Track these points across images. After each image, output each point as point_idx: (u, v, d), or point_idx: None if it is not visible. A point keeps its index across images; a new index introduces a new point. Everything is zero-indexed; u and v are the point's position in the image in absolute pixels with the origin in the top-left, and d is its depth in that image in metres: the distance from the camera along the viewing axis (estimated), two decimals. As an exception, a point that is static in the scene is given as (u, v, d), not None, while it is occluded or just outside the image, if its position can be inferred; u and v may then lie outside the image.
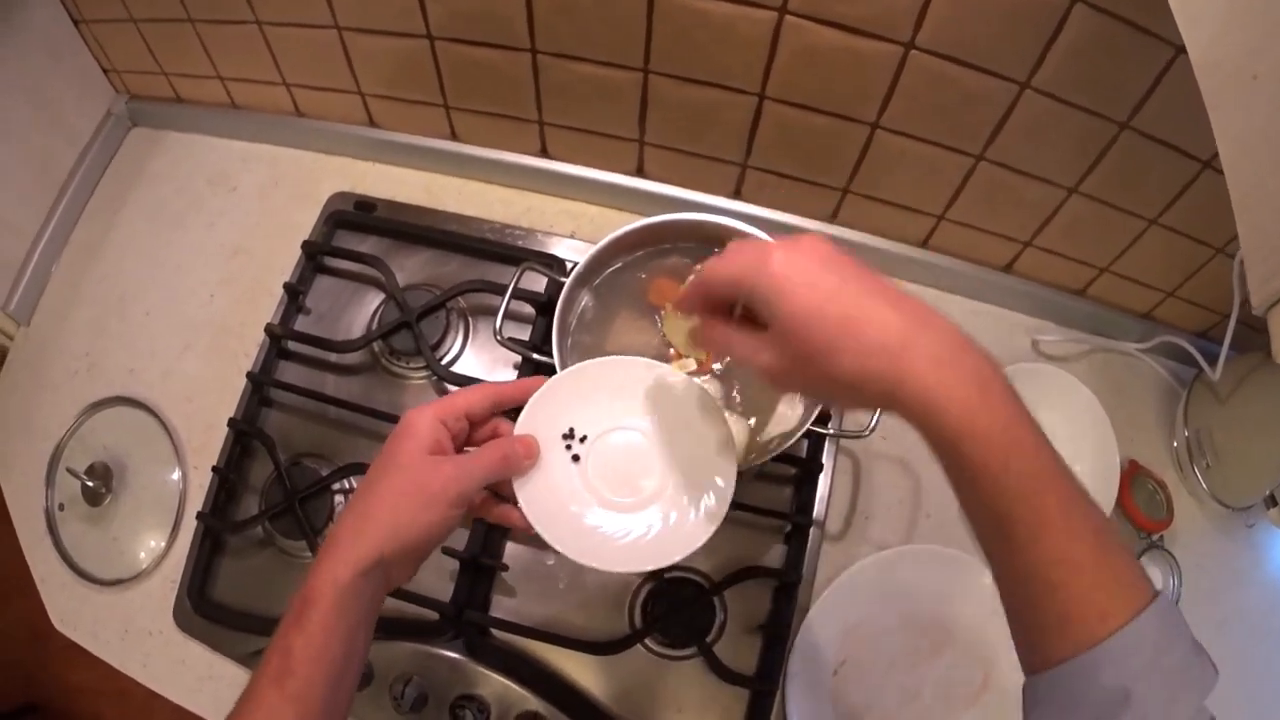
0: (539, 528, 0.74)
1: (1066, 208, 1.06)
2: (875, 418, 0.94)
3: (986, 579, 1.03)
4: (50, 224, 1.27)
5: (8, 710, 2.05)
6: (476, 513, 0.77)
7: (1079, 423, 1.13)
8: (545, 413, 0.77)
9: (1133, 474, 1.12)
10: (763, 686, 1.00)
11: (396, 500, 0.66)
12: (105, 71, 1.33)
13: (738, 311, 0.66)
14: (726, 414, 0.90)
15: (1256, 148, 0.58)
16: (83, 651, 1.11)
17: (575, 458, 0.77)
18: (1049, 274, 1.19)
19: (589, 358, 0.93)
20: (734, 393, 0.94)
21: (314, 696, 0.61)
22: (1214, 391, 1.12)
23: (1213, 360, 1.10)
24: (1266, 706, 1.08)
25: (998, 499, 0.55)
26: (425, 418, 0.70)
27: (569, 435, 0.77)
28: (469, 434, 0.75)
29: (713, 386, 0.94)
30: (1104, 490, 1.09)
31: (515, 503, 0.74)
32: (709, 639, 1.03)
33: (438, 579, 1.04)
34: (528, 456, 0.74)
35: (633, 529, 0.78)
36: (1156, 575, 1.09)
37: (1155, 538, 1.10)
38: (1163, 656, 0.52)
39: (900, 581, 1.06)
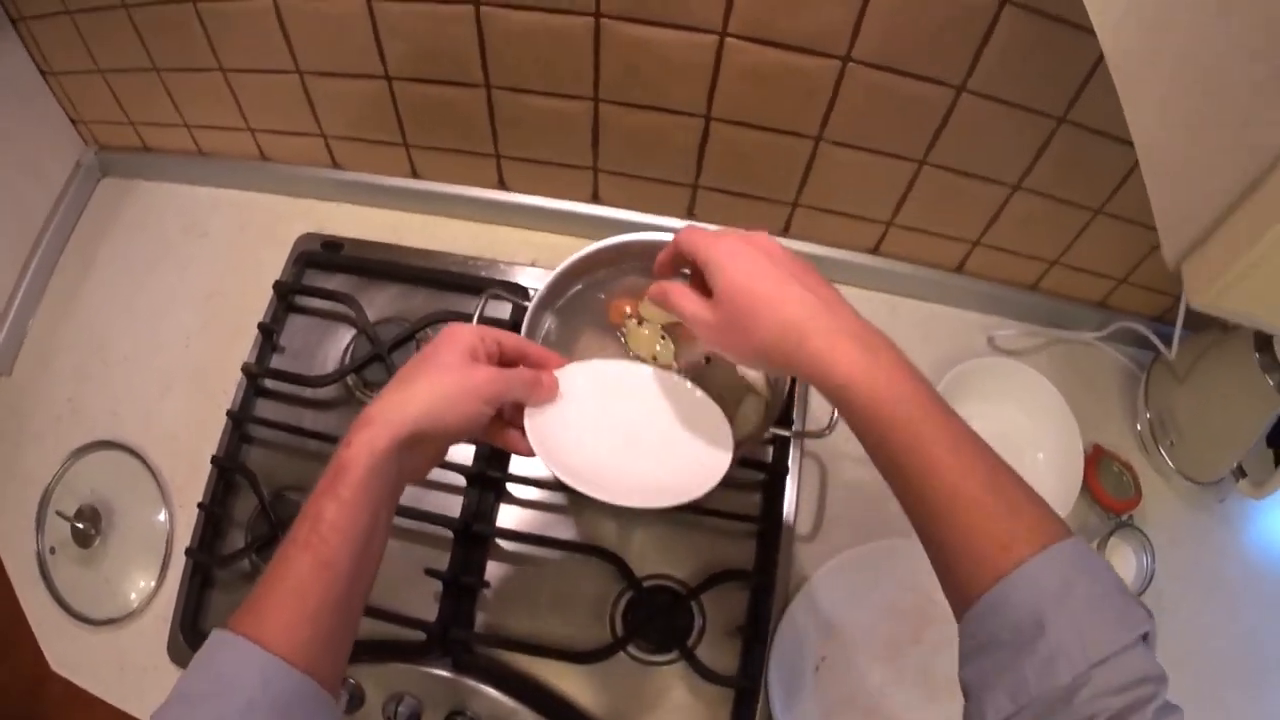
0: (542, 454, 0.79)
1: (1012, 204, 1.09)
2: (833, 416, 0.96)
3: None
4: (27, 276, 1.30)
5: None
6: (485, 435, 0.81)
7: (1039, 412, 1.16)
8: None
9: (1097, 458, 1.15)
10: (746, 684, 1.03)
11: (437, 386, 0.71)
12: (74, 123, 1.35)
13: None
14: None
15: (1160, 117, 0.62)
16: (81, 704, 1.13)
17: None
18: (1001, 271, 1.21)
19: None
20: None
21: (341, 561, 0.64)
22: (1172, 371, 1.15)
23: (1169, 341, 1.13)
24: (1256, 675, 1.11)
25: (890, 446, 0.62)
26: (468, 329, 0.76)
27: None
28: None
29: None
30: (1069, 475, 1.12)
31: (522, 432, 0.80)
32: (689, 643, 1.06)
33: (422, 601, 1.07)
34: (551, 390, 0.80)
35: (643, 469, 0.83)
36: (1129, 554, 1.11)
37: (1125, 517, 1.13)
38: (1075, 588, 0.54)
39: (874, 575, 1.08)
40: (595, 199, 1.24)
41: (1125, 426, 1.21)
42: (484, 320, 1.09)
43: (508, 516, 1.14)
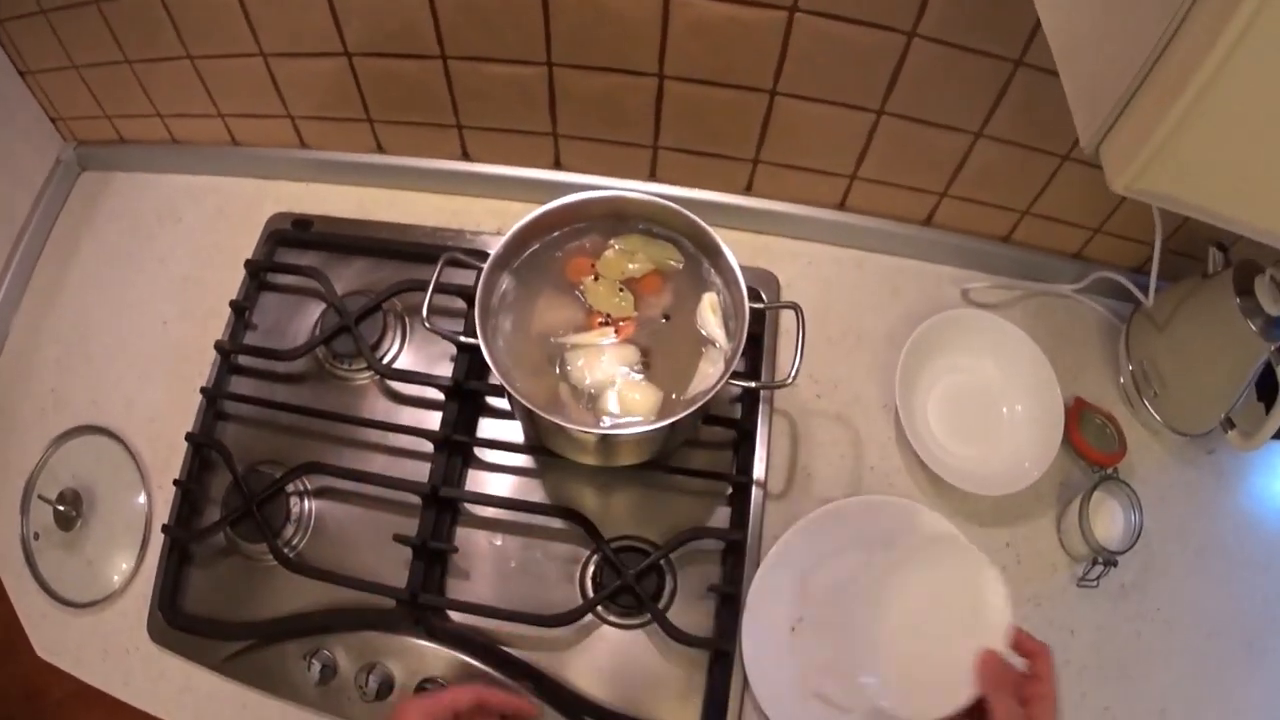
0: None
1: (976, 153, 1.08)
2: (795, 365, 0.95)
3: (934, 523, 1.04)
4: (9, 272, 1.32)
5: None
6: None
7: (1015, 365, 1.14)
8: None
9: (1079, 410, 1.13)
10: (720, 646, 1.02)
11: None
12: (53, 120, 1.38)
13: None
14: (639, 380, 0.94)
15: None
16: (77, 705, 1.14)
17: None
18: (970, 223, 1.20)
19: (511, 337, 0.96)
20: (651, 359, 0.97)
21: None
22: (1153, 321, 1.13)
23: (1147, 291, 1.11)
24: (1249, 634, 1.09)
25: None
26: (415, 710, 0.79)
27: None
28: None
29: (631, 352, 0.96)
30: (1049, 428, 1.10)
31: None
32: (661, 605, 1.05)
33: (392, 568, 1.07)
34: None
35: None
36: (1115, 508, 1.09)
37: (1110, 470, 1.11)
38: None
39: (850, 533, 1.07)
40: (557, 165, 1.25)
41: (1108, 380, 1.19)
42: (451, 289, 1.10)
43: (476, 481, 1.14)
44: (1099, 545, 1.04)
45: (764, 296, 1.17)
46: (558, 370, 0.96)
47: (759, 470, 1.09)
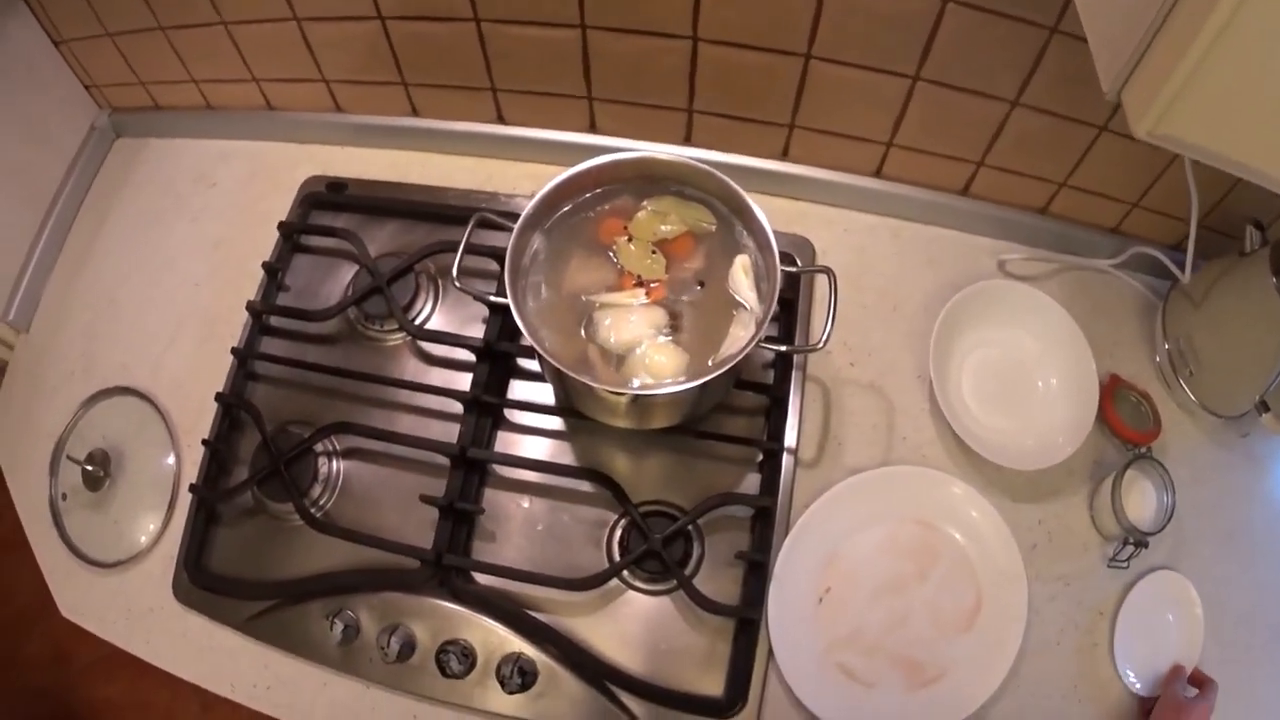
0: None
1: (1012, 122, 1.06)
2: (827, 330, 0.94)
3: (967, 497, 1.04)
4: (43, 236, 1.33)
5: None
6: None
7: (1051, 338, 1.13)
8: None
9: (1114, 388, 1.12)
10: (747, 614, 1.01)
11: None
12: (87, 88, 1.39)
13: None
14: (666, 342, 0.93)
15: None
16: (106, 668, 1.15)
17: None
18: (1008, 194, 1.19)
19: (542, 298, 0.96)
20: (680, 322, 0.96)
21: None
22: (1190, 298, 1.11)
23: (1184, 267, 1.09)
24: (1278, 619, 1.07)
25: None
26: None
27: None
28: None
29: (659, 315, 0.95)
30: (1083, 404, 1.09)
31: None
32: (688, 572, 1.04)
33: (419, 529, 1.07)
34: None
35: None
36: (1148, 488, 1.07)
37: (1143, 449, 1.09)
38: None
39: (881, 504, 1.06)
40: (592, 129, 1.25)
41: (1144, 357, 1.17)
42: (484, 250, 1.10)
43: (505, 443, 1.13)
44: (1130, 525, 1.03)
45: (798, 261, 1.16)
46: (584, 332, 0.95)
47: (790, 437, 1.08)
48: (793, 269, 1.02)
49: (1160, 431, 1.10)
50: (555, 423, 1.13)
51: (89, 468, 1.17)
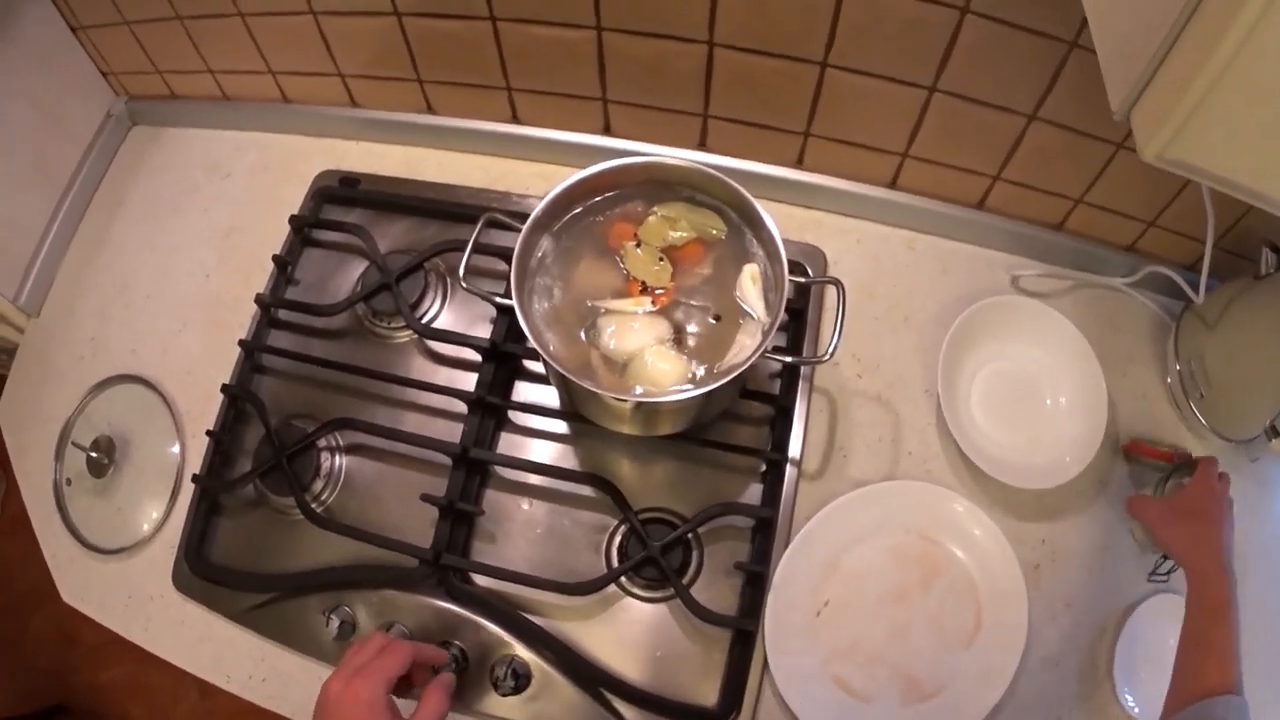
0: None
1: (1029, 136, 1.05)
2: (833, 342, 0.93)
3: (971, 514, 1.03)
4: (56, 222, 1.34)
5: (38, 711, 2.11)
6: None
7: (1062, 355, 1.12)
8: None
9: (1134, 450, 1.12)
10: (743, 625, 1.00)
11: None
12: (104, 75, 1.39)
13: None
14: (668, 351, 0.92)
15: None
16: (109, 652, 1.15)
17: None
18: (1023, 209, 1.18)
19: (549, 300, 0.95)
20: (684, 334, 0.95)
21: None
22: (1203, 320, 1.10)
23: (1198, 289, 1.08)
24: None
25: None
26: (361, 695, 0.78)
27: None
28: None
29: (663, 325, 0.95)
30: (1092, 424, 1.08)
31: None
32: (685, 580, 1.04)
33: (418, 528, 1.07)
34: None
35: None
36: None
37: (1175, 465, 1.08)
38: None
39: (883, 517, 1.05)
40: (607, 131, 1.24)
41: (1155, 378, 1.16)
42: (493, 250, 1.10)
43: (508, 444, 1.13)
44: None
45: (809, 271, 1.16)
46: (585, 337, 0.95)
47: (795, 448, 1.08)
48: (802, 280, 1.01)
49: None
50: (559, 426, 1.13)
51: (94, 454, 1.17)
